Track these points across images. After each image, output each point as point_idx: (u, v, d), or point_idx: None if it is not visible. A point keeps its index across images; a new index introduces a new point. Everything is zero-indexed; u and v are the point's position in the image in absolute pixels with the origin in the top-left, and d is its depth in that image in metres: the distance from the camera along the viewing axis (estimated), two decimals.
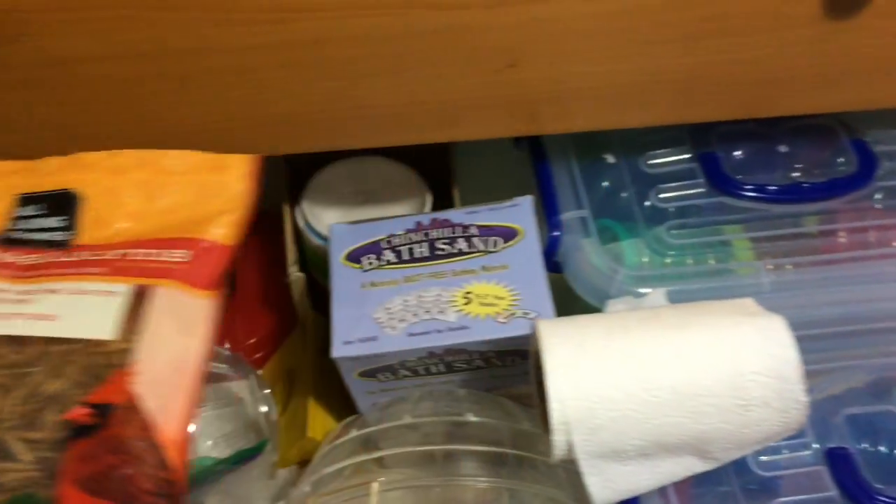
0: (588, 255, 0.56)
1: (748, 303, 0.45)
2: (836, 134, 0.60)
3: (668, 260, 0.56)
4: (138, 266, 0.36)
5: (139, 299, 0.35)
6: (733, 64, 0.51)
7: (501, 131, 0.54)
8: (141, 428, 0.32)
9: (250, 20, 0.47)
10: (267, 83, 0.50)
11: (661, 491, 0.46)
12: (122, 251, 0.37)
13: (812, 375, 0.50)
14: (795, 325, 0.51)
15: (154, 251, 0.37)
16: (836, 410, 0.48)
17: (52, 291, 0.35)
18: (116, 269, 0.36)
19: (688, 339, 0.42)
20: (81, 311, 0.34)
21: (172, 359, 0.34)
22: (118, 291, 0.35)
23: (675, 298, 0.53)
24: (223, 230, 0.38)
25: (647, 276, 0.55)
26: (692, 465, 0.44)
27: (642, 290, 0.54)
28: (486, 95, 0.51)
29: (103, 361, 0.33)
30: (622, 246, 0.57)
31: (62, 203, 0.38)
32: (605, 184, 0.60)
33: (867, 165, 0.58)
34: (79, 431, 0.32)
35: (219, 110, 0.51)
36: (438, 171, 0.67)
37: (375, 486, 0.46)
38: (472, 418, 0.49)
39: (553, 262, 0.57)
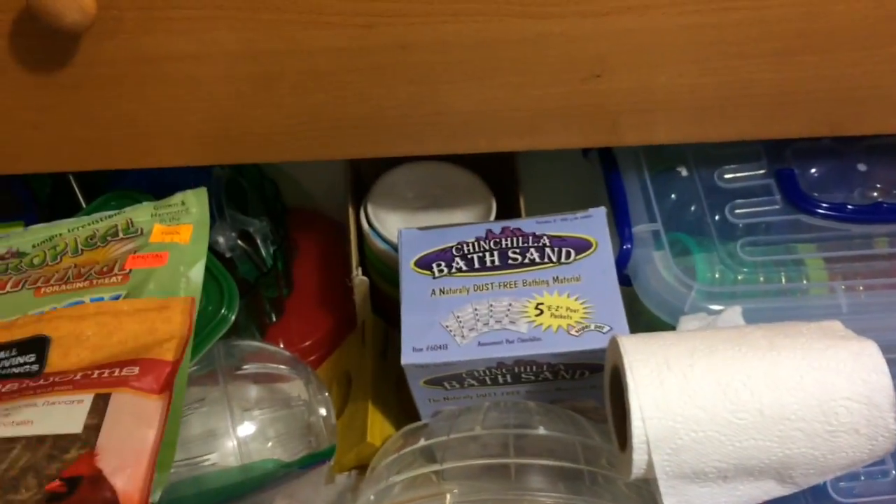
0: (659, 268, 0.55)
1: (836, 326, 0.44)
2: None
3: (741, 276, 0.56)
4: (99, 380, 0.45)
5: (101, 403, 0.44)
6: (821, 80, 0.50)
7: (580, 141, 0.53)
8: (106, 495, 0.41)
9: (338, 23, 0.46)
10: (349, 86, 0.49)
11: None
12: (84, 372, 0.46)
13: None
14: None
15: (111, 369, 0.46)
16: None
17: (29, 406, 0.44)
18: (80, 385, 0.45)
19: (776, 361, 0.41)
20: (53, 415, 0.44)
21: (132, 442, 0.43)
22: (83, 399, 0.44)
23: (749, 316, 0.53)
24: (167, 352, 0.47)
25: (719, 292, 0.54)
26: (771, 489, 0.43)
27: (714, 307, 0.53)
28: (569, 105, 0.51)
29: (71, 444, 0.42)
30: (694, 260, 0.56)
31: (33, 346, 0.48)
32: (676, 196, 0.59)
33: None
34: (52, 498, 0.41)
35: (300, 112, 0.50)
36: (503, 177, 0.67)
37: (448, 498, 0.45)
38: (542, 431, 0.49)
39: (623, 274, 0.56)
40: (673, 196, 0.59)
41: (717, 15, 0.47)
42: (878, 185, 0.58)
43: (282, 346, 0.65)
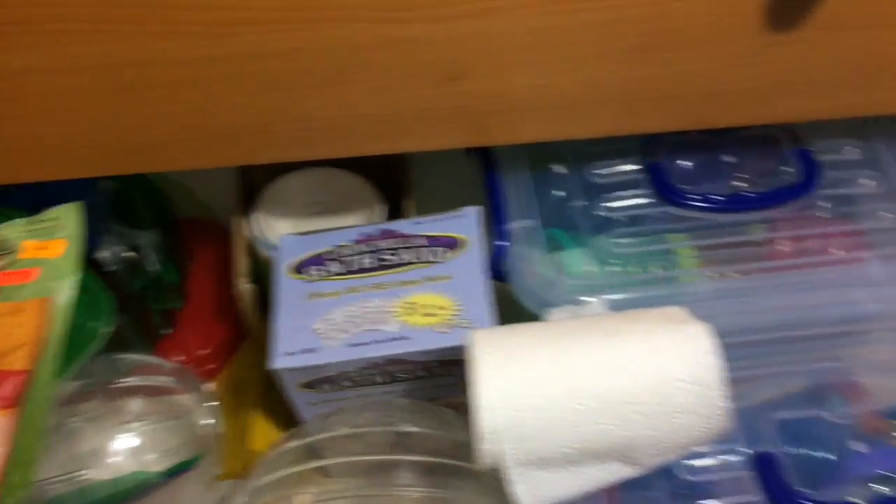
0: (532, 264, 0.56)
1: (678, 311, 0.46)
2: (780, 143, 0.61)
3: (612, 268, 0.57)
4: None
5: None
6: (676, 77, 0.52)
7: (448, 143, 0.54)
8: None
9: (199, 33, 0.47)
10: (216, 94, 0.50)
11: (589, 497, 0.46)
12: None
13: (748, 381, 0.52)
14: (736, 331, 0.52)
15: None
16: (768, 415, 0.49)
17: None
18: None
19: (615, 347, 0.43)
20: None
21: None
22: None
23: (619, 307, 0.54)
24: (17, 361, 0.46)
25: (590, 285, 0.55)
26: (619, 471, 0.45)
27: (585, 299, 0.54)
28: (430, 108, 0.52)
29: None
30: (566, 255, 0.58)
31: None
32: (554, 193, 0.61)
33: (810, 174, 0.59)
34: None
35: (173, 121, 0.51)
36: (396, 182, 0.68)
37: (307, 497, 0.46)
38: (409, 428, 0.49)
39: (500, 271, 0.57)
40: (552, 193, 0.61)
41: (567, 17, 0.48)
42: (745, 176, 0.60)
43: (175, 357, 0.65)
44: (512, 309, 0.56)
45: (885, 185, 0.59)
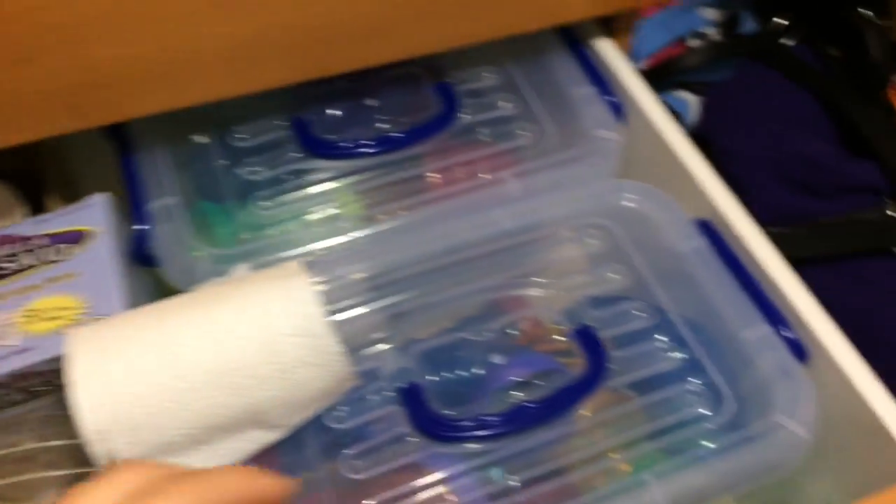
0: (178, 243, 0.54)
1: (291, 266, 0.44)
2: (421, 80, 0.61)
3: (263, 233, 0.55)
4: None
5: None
6: (285, 27, 0.50)
7: (49, 130, 0.50)
8: None
9: None
10: None
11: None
12: None
13: (423, 310, 0.52)
14: (404, 266, 0.52)
15: None
16: (415, 349, 0.49)
17: None
18: None
19: (214, 316, 0.41)
20: None
21: None
22: None
23: None
24: None
25: (239, 253, 0.53)
26: (259, 438, 0.43)
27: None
28: (16, 91, 0.47)
29: None
30: (218, 228, 0.55)
31: None
32: (198, 166, 0.58)
33: (450, 106, 0.59)
34: None
35: None
36: (36, 179, 0.63)
37: None
38: (31, 445, 0.46)
39: (145, 256, 0.54)
40: (195, 165, 0.58)
41: None
42: (388, 117, 0.59)
43: None
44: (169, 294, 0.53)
45: (520, 106, 0.61)
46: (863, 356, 0.62)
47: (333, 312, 0.50)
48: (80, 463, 0.47)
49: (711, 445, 0.45)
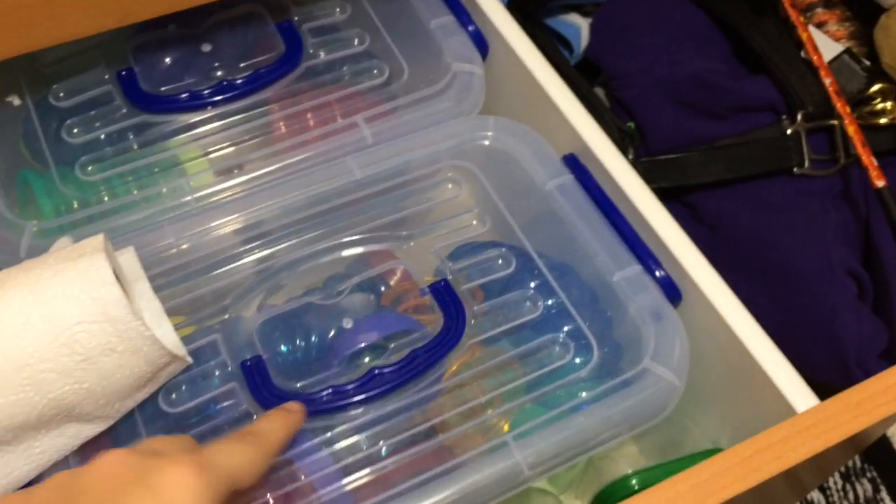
0: None
1: (92, 242, 0.39)
2: (262, 20, 0.55)
3: (98, 198, 0.50)
4: None
5: None
6: None
7: None
8: None
9: None
10: None
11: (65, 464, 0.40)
12: None
13: (282, 271, 0.47)
14: (256, 224, 0.48)
15: None
16: (255, 320, 0.45)
17: None
18: None
19: (1, 304, 0.36)
20: None
21: None
22: None
23: (115, 238, 0.47)
24: None
25: (64, 224, 0.48)
26: (80, 431, 0.39)
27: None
28: None
29: None
30: (40, 199, 0.50)
31: None
32: (13, 131, 0.52)
33: (293, 47, 0.54)
34: None
35: None
36: None
37: None
38: None
39: None
40: (12, 132, 0.52)
41: None
42: (224, 63, 0.54)
43: None
44: None
45: (373, 42, 0.56)
46: (762, 282, 0.61)
47: (179, 281, 0.46)
48: None
49: (584, 395, 0.43)
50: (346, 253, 0.50)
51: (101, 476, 0.31)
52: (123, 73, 0.52)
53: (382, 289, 0.49)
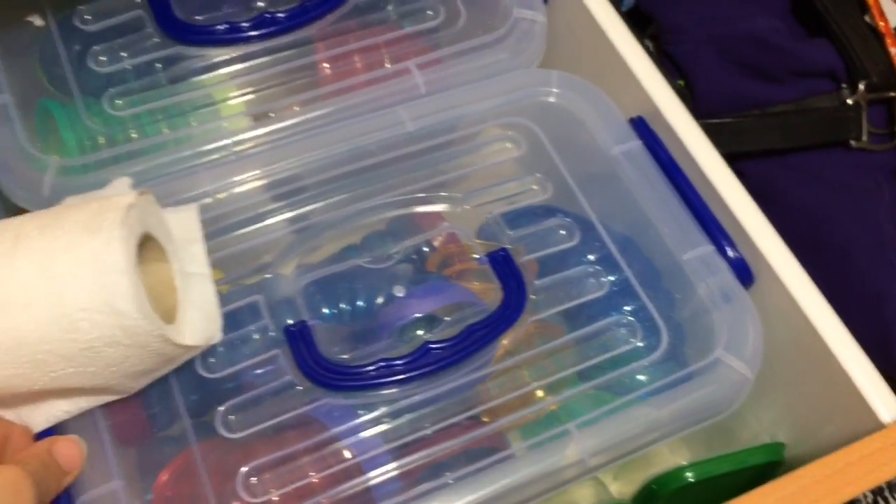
0: (14, 150, 0.44)
1: (116, 204, 0.35)
2: None
3: (127, 135, 0.46)
4: None
5: None
6: None
7: None
8: None
9: None
10: None
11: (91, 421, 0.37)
12: None
13: (318, 228, 0.44)
14: (299, 175, 0.45)
15: None
16: (301, 280, 0.41)
17: None
18: None
19: (10, 273, 0.32)
20: None
21: None
22: None
23: (143, 181, 0.43)
24: None
25: (92, 162, 0.44)
26: (97, 399, 0.36)
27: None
28: None
29: None
30: (63, 131, 0.46)
31: None
32: (38, 54, 0.47)
33: None
34: None
35: None
36: None
37: None
38: None
39: None
40: (34, 55, 0.47)
41: None
42: None
43: None
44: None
45: None
46: (810, 256, 0.58)
47: (215, 235, 0.42)
48: None
49: (647, 384, 0.40)
50: (394, 213, 0.46)
51: None
52: None
53: (426, 250, 0.45)
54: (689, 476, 0.43)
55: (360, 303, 0.41)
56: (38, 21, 0.48)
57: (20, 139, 0.44)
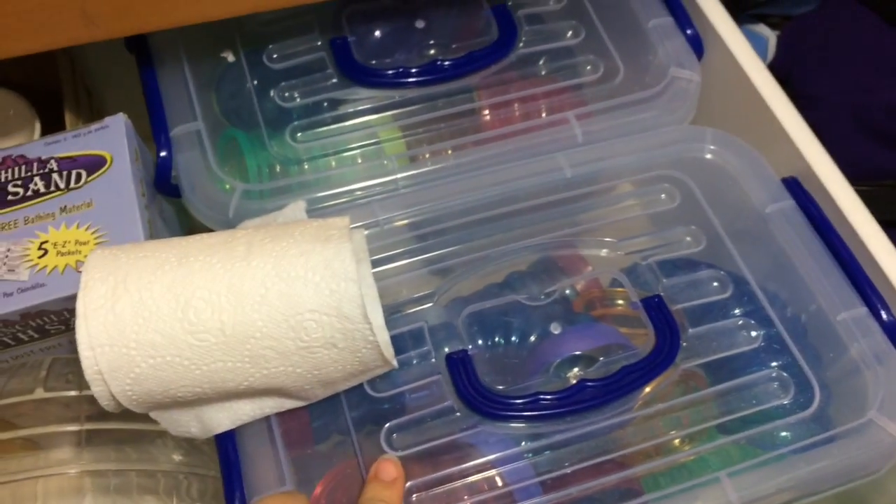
0: (202, 173, 0.48)
1: (338, 223, 0.38)
2: (477, 1, 0.54)
3: (301, 167, 0.50)
4: None
5: None
6: None
7: (59, 40, 0.44)
8: None
9: None
10: None
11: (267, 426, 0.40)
12: None
13: (470, 264, 0.46)
14: (452, 214, 0.47)
15: None
16: (462, 310, 0.43)
17: None
18: None
19: (244, 272, 0.35)
20: None
21: None
22: None
23: (316, 211, 0.47)
24: None
25: (272, 189, 0.48)
26: (281, 405, 0.39)
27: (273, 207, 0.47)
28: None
29: None
30: (248, 158, 0.50)
31: None
32: (226, 88, 0.52)
33: (508, 33, 0.52)
34: None
35: None
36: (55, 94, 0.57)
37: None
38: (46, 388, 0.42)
39: (168, 186, 0.49)
40: (223, 88, 0.52)
41: None
42: (437, 42, 0.53)
43: None
44: (193, 229, 0.48)
45: (587, 36, 0.53)
46: None
47: (376, 264, 0.45)
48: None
49: (793, 442, 0.40)
50: (538, 254, 0.48)
51: None
52: (338, 41, 0.52)
53: (568, 292, 0.47)
54: None
55: (514, 338, 0.43)
56: (230, 57, 0.52)
57: (210, 163, 0.48)
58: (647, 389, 0.43)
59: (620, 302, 0.45)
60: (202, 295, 0.35)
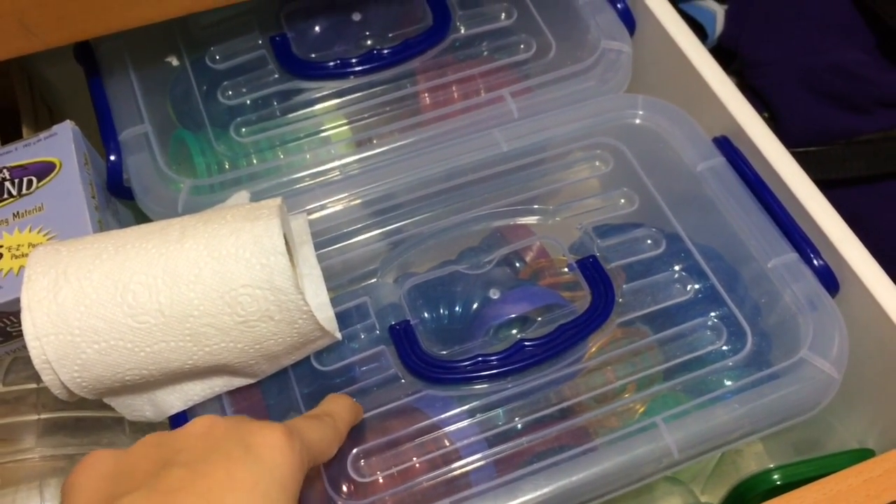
0: (153, 174, 0.50)
1: (269, 203, 0.40)
2: None
3: (241, 161, 0.51)
4: None
5: None
6: None
7: (1, 52, 0.46)
8: None
9: None
10: None
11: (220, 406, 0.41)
12: None
13: (420, 242, 0.48)
14: (398, 193, 0.49)
15: None
16: (405, 284, 0.45)
17: None
18: None
19: (178, 254, 0.37)
20: None
21: None
22: None
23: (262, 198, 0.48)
24: None
25: (219, 183, 0.49)
26: (229, 382, 0.40)
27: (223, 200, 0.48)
28: None
29: None
30: (195, 157, 0.51)
31: None
32: (172, 91, 0.53)
33: (442, 19, 0.54)
34: None
35: None
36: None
37: None
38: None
39: (122, 188, 0.50)
40: (175, 92, 0.54)
41: None
42: (376, 32, 0.54)
43: None
44: None
45: (520, 16, 0.55)
46: None
47: (324, 245, 0.47)
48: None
49: (731, 384, 0.41)
50: (489, 224, 0.50)
51: (197, 435, 0.31)
52: (277, 38, 0.53)
53: (517, 264, 0.48)
54: (777, 478, 0.43)
55: (457, 307, 0.44)
56: (174, 61, 0.54)
57: (159, 164, 0.50)
58: (593, 349, 0.44)
59: (565, 270, 0.46)
60: (139, 279, 0.36)
